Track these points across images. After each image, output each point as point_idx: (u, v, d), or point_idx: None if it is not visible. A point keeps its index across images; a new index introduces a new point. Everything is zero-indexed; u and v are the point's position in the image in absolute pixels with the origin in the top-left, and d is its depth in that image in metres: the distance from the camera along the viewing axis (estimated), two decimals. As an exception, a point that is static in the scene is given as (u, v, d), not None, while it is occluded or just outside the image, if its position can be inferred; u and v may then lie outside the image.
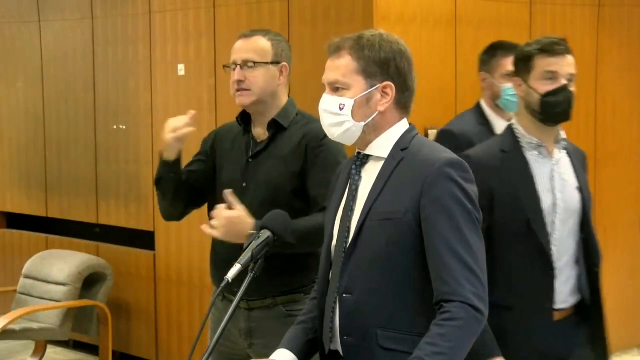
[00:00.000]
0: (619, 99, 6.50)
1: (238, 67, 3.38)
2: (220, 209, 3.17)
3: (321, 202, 3.27)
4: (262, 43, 3.40)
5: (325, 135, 2.63)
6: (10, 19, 7.29)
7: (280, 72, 3.43)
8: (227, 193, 3.21)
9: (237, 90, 3.39)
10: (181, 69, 6.09)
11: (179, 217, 3.62)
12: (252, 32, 3.45)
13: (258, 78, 3.37)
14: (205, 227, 3.21)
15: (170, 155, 3.41)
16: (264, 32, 3.46)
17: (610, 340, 3.27)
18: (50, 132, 7.04)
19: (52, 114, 7.02)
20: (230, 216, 3.15)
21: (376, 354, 2.45)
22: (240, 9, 5.74)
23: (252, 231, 3.12)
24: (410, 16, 5.28)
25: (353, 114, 2.52)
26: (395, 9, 5.21)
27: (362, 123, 2.52)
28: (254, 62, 3.37)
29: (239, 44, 3.43)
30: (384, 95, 2.53)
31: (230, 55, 3.47)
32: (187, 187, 3.50)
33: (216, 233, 3.17)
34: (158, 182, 3.49)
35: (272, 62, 3.40)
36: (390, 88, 2.53)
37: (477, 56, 5.69)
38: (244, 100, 3.39)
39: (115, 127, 6.55)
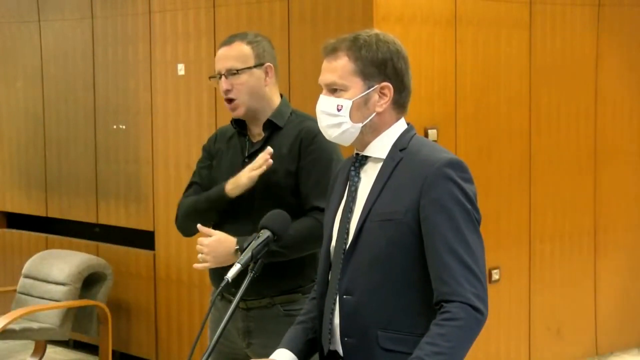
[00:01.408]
0: (619, 99, 6.50)
1: (223, 77, 3.38)
2: (200, 241, 3.30)
3: (312, 201, 3.27)
4: (242, 48, 3.39)
5: (318, 133, 2.63)
6: (10, 19, 7.29)
7: (266, 73, 3.42)
8: (200, 228, 3.33)
9: (227, 101, 3.40)
10: (181, 69, 6.09)
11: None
12: (231, 39, 3.44)
13: (244, 85, 3.37)
14: (196, 266, 3.33)
15: (235, 194, 3.35)
16: (242, 36, 3.45)
17: (610, 340, 3.26)
18: (50, 132, 7.04)
19: (52, 114, 7.02)
20: (210, 242, 3.28)
21: (377, 355, 2.45)
22: (240, 9, 5.74)
23: (237, 247, 3.24)
24: (410, 16, 5.28)
25: (351, 116, 2.51)
26: (395, 9, 5.21)
27: (360, 124, 2.52)
28: (237, 70, 3.37)
29: (221, 52, 3.43)
30: (382, 96, 2.53)
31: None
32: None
33: (208, 264, 3.29)
34: (206, 210, 3.46)
35: (255, 66, 3.39)
36: (388, 89, 2.52)
37: (477, 56, 5.72)
38: (237, 113, 3.41)
39: (115, 127, 6.55)
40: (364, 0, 5.14)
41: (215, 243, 3.27)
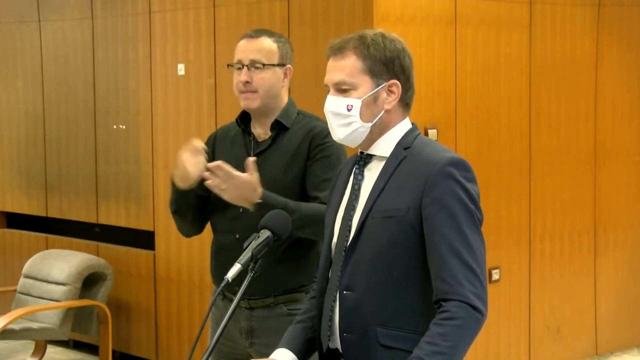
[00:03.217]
0: (619, 99, 6.50)
1: (245, 67, 3.36)
2: (232, 173, 3.14)
3: (320, 197, 3.26)
4: (269, 45, 3.38)
5: (329, 133, 2.63)
6: (10, 19, 7.29)
7: (285, 74, 3.42)
8: (250, 161, 3.16)
9: (243, 92, 3.37)
10: (181, 69, 6.09)
11: (200, 231, 3.61)
12: (257, 33, 3.42)
13: (265, 80, 3.35)
14: (214, 189, 3.17)
15: (183, 185, 3.31)
16: (269, 33, 3.44)
17: (610, 340, 3.26)
18: (50, 132, 7.04)
19: (52, 114, 7.02)
20: (239, 181, 3.13)
21: (376, 351, 2.45)
22: (240, 8, 5.74)
23: (259, 200, 3.13)
24: (410, 16, 5.29)
25: (361, 115, 2.51)
26: (395, 9, 5.22)
27: (370, 123, 2.52)
28: (263, 64, 3.35)
29: (244, 44, 3.39)
30: (390, 94, 2.53)
31: (231, 54, 3.45)
32: (206, 204, 3.45)
33: (224, 195, 3.16)
34: (177, 212, 3.44)
35: (278, 65, 3.39)
36: (397, 86, 2.53)
37: (477, 56, 5.72)
38: (250, 104, 3.37)
39: (115, 127, 6.55)
40: (364, 0, 5.14)
41: (242, 184, 3.13)
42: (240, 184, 3.14)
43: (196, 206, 3.44)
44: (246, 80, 3.34)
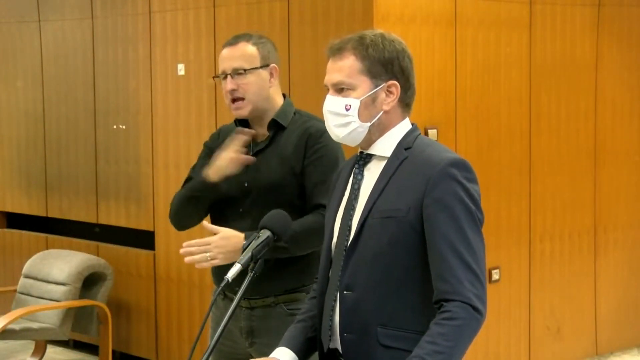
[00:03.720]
0: (619, 99, 6.50)
1: (229, 76, 3.37)
2: (206, 240, 3.22)
3: (317, 199, 3.28)
4: (249, 49, 3.38)
5: (324, 132, 2.64)
6: (10, 19, 7.29)
7: (271, 74, 3.42)
8: (205, 226, 3.27)
9: (232, 101, 3.38)
10: (181, 69, 6.09)
11: (196, 224, 3.62)
12: (235, 40, 3.43)
13: (251, 85, 3.36)
14: (203, 265, 3.24)
15: (216, 179, 3.34)
16: (247, 37, 3.44)
17: (610, 340, 3.26)
18: (50, 132, 7.04)
19: (52, 114, 7.02)
20: (217, 240, 3.21)
21: (376, 351, 2.45)
22: (240, 8, 5.74)
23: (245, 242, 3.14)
24: (410, 16, 5.29)
25: (359, 115, 2.52)
26: (395, 9, 5.22)
27: (368, 123, 2.53)
28: (245, 70, 3.36)
29: (225, 53, 3.41)
30: (389, 95, 2.54)
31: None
32: (216, 203, 3.46)
33: (217, 261, 3.22)
34: (190, 200, 3.44)
35: (261, 67, 3.39)
36: (396, 87, 2.53)
37: (477, 56, 5.72)
38: (241, 112, 3.39)
39: (115, 127, 6.55)
40: (364, 0, 5.14)
41: (222, 241, 3.21)
42: (219, 241, 3.21)
43: (211, 204, 3.44)
44: (232, 88, 3.35)
